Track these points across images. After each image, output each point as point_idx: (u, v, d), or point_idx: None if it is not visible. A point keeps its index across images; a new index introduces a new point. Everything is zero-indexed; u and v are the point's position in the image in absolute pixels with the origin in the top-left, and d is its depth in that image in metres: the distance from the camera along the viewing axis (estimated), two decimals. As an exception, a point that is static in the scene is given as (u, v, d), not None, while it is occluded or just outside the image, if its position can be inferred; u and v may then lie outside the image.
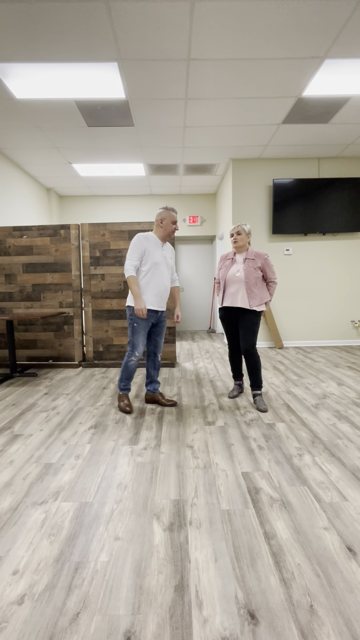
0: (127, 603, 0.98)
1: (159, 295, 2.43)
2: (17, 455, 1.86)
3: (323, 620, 0.91)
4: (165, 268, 2.45)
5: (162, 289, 2.44)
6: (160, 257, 2.42)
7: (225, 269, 2.62)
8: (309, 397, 2.77)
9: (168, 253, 2.52)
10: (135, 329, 2.41)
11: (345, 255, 5.14)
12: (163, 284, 2.44)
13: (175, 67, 2.92)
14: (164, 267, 2.44)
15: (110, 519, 1.33)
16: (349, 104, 3.56)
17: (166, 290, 2.47)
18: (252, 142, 4.47)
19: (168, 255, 2.50)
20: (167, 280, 2.47)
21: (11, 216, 4.96)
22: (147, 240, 2.38)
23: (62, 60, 2.80)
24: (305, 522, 1.30)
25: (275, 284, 2.62)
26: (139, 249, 2.34)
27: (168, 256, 2.50)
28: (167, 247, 2.53)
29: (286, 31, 2.54)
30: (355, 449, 1.88)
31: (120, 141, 4.37)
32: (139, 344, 2.42)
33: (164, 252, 2.47)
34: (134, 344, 2.43)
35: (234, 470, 1.67)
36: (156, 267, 2.39)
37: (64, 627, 0.91)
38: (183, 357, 4.44)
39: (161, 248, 2.45)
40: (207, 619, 0.92)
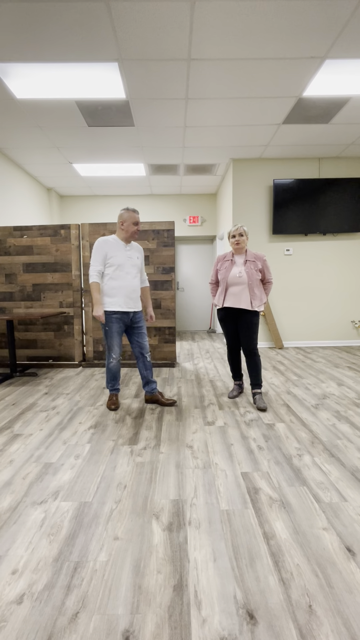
0: (126, 603, 0.98)
1: (127, 296, 2.44)
2: (16, 454, 1.86)
3: (322, 621, 0.91)
4: (131, 268, 2.46)
5: (130, 289, 2.45)
6: (124, 258, 2.44)
7: (225, 270, 2.63)
8: (309, 397, 2.77)
9: (134, 253, 2.51)
10: (108, 332, 2.46)
11: (345, 256, 5.14)
12: (130, 285, 2.45)
13: (176, 67, 2.92)
14: (130, 268, 2.46)
15: (109, 518, 1.33)
16: (350, 104, 3.56)
17: (134, 290, 2.48)
18: (253, 142, 4.47)
19: (134, 255, 2.50)
20: (134, 280, 2.48)
21: (12, 216, 4.96)
22: (107, 243, 2.41)
23: (63, 60, 2.80)
24: (304, 522, 1.30)
25: (272, 284, 2.68)
26: (100, 253, 2.39)
27: (134, 256, 2.50)
28: (134, 247, 2.53)
29: (286, 31, 2.54)
30: (354, 449, 1.88)
31: (120, 141, 4.37)
32: (114, 346, 2.47)
33: (129, 253, 2.47)
34: (108, 346, 2.49)
35: (233, 471, 1.67)
36: (120, 269, 2.42)
37: (63, 626, 0.91)
38: (183, 357, 4.45)
39: (124, 249, 2.45)
40: (206, 619, 0.92)
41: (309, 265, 5.15)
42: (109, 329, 2.45)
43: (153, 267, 3.92)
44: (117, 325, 2.45)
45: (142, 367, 2.59)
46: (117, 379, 2.62)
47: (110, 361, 2.53)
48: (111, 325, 2.44)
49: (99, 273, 2.39)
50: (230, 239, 2.61)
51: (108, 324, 2.45)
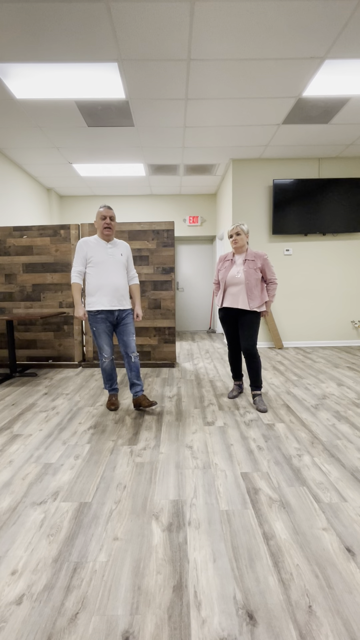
0: (126, 603, 0.98)
1: (110, 295, 2.41)
2: (16, 455, 1.86)
3: (321, 621, 0.91)
4: (113, 266, 2.43)
5: (112, 288, 2.41)
6: (104, 255, 2.42)
7: (225, 270, 2.62)
8: (309, 397, 2.77)
9: (118, 250, 2.48)
10: (95, 333, 2.45)
11: (345, 256, 5.14)
12: (112, 283, 2.41)
13: (176, 67, 2.92)
14: (111, 265, 2.43)
15: (109, 519, 1.33)
16: (349, 105, 3.56)
17: (117, 289, 2.43)
18: (253, 143, 4.47)
19: (117, 253, 2.46)
20: (117, 278, 2.43)
21: (11, 216, 4.96)
22: (86, 244, 2.42)
23: (63, 60, 2.80)
24: (304, 522, 1.30)
25: (276, 284, 2.60)
26: (80, 254, 2.41)
27: (117, 253, 2.46)
28: (117, 245, 2.50)
29: (286, 31, 2.54)
30: (354, 449, 1.88)
31: (120, 141, 4.37)
32: (103, 345, 2.46)
33: (111, 250, 2.44)
34: (98, 347, 2.48)
35: (233, 471, 1.67)
36: (100, 267, 2.40)
37: (62, 627, 0.91)
38: (183, 357, 4.44)
39: (105, 247, 2.43)
40: (206, 620, 0.92)
41: (309, 266, 5.15)
42: (95, 329, 2.44)
43: (153, 267, 3.92)
44: (104, 325, 2.44)
45: (127, 368, 2.51)
46: (113, 379, 2.61)
47: (102, 361, 2.52)
48: (97, 326, 2.43)
49: (79, 274, 2.41)
50: (229, 239, 2.60)
51: (94, 325, 2.44)
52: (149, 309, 3.96)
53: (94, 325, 2.44)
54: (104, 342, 2.46)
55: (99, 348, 2.48)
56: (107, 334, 2.47)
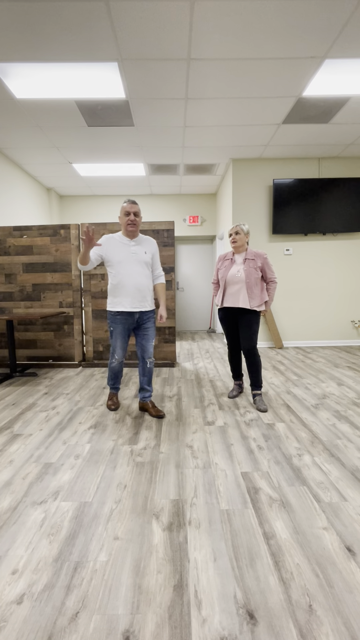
0: (126, 602, 0.98)
1: (131, 295, 2.28)
2: (16, 454, 1.86)
3: (322, 620, 0.91)
4: (136, 264, 2.29)
5: (134, 288, 2.28)
6: (126, 254, 2.28)
7: (224, 269, 2.62)
8: (309, 397, 2.77)
9: (142, 248, 2.33)
10: (112, 334, 2.36)
11: (345, 256, 5.14)
12: (134, 282, 2.28)
13: (176, 66, 2.92)
14: (133, 264, 2.28)
15: (109, 518, 1.33)
16: (349, 104, 3.56)
17: (139, 289, 2.30)
18: (253, 142, 4.46)
19: (140, 251, 2.32)
20: (139, 277, 2.30)
21: (11, 216, 4.96)
22: (108, 241, 2.30)
23: (62, 60, 2.80)
24: (304, 522, 1.30)
25: (276, 283, 2.60)
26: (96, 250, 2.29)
27: (140, 251, 2.32)
28: (142, 242, 2.36)
29: (286, 31, 2.54)
30: (354, 449, 1.88)
31: (120, 141, 4.37)
32: (117, 348, 2.37)
33: (134, 248, 2.31)
34: (112, 347, 2.41)
35: (233, 470, 1.67)
36: (122, 266, 2.27)
37: (63, 626, 0.91)
38: (183, 357, 4.44)
39: (129, 245, 2.31)
40: (206, 619, 0.92)
41: (309, 265, 5.15)
42: (113, 329, 2.35)
43: (153, 267, 3.92)
44: (122, 327, 2.34)
45: (141, 372, 2.46)
46: (118, 379, 2.56)
47: (112, 362, 2.47)
48: (115, 327, 2.34)
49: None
50: (229, 238, 2.60)
51: (112, 325, 2.35)
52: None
53: (111, 325, 2.36)
54: (118, 344, 2.37)
55: (112, 349, 2.40)
56: (124, 337, 2.36)
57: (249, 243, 5.08)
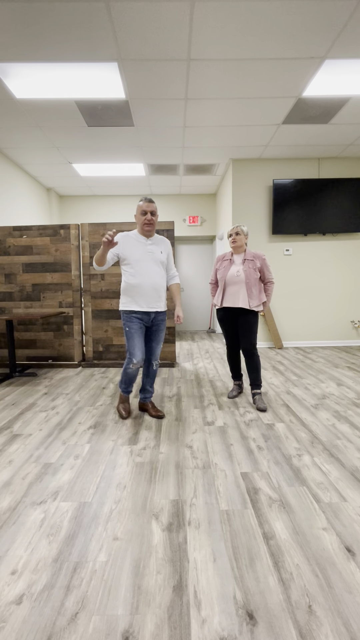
0: (126, 603, 0.97)
1: (147, 295, 2.22)
2: (16, 454, 1.86)
3: (321, 621, 0.91)
4: (152, 264, 2.24)
5: (149, 288, 2.23)
6: (143, 253, 2.23)
7: (224, 269, 2.62)
8: (309, 397, 2.77)
9: (157, 247, 2.29)
10: (128, 334, 2.24)
11: (345, 256, 5.14)
12: (150, 282, 2.23)
13: (176, 67, 2.92)
14: (150, 264, 2.24)
15: (109, 519, 1.33)
16: (349, 105, 3.56)
17: (155, 289, 2.25)
18: (252, 142, 4.47)
19: (157, 250, 2.27)
20: (155, 277, 2.25)
21: (11, 216, 4.95)
22: (124, 239, 2.25)
23: (62, 60, 2.80)
24: (304, 522, 1.30)
25: (273, 284, 2.64)
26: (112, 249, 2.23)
27: (156, 251, 2.27)
28: (158, 241, 2.31)
29: (286, 31, 2.54)
30: (354, 449, 1.88)
31: (120, 141, 4.37)
32: (135, 349, 2.21)
33: (150, 247, 2.26)
34: (129, 349, 2.25)
35: (233, 471, 1.67)
36: (138, 265, 2.21)
37: (62, 627, 0.91)
38: (183, 357, 4.44)
39: (145, 244, 2.25)
40: (206, 619, 0.92)
41: (309, 266, 5.15)
42: (128, 329, 2.23)
43: (153, 267, 3.91)
44: (137, 325, 2.24)
45: (145, 373, 2.44)
46: (132, 383, 2.41)
47: (129, 366, 2.26)
48: (131, 325, 2.23)
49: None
50: (228, 238, 2.61)
51: (128, 324, 2.24)
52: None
53: (127, 325, 2.24)
54: (136, 345, 2.21)
55: (130, 351, 2.22)
56: (141, 335, 2.25)
57: (247, 244, 5.09)
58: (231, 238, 2.57)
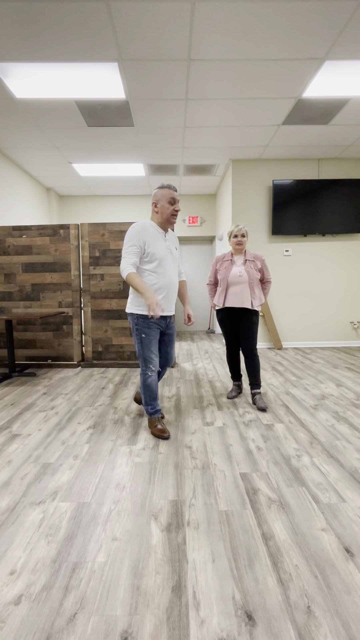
0: (125, 604, 0.97)
1: (167, 297, 2.02)
2: (15, 455, 1.86)
3: (320, 622, 0.91)
4: (172, 263, 2.03)
5: (171, 289, 2.03)
6: (164, 249, 1.98)
7: (225, 270, 2.63)
8: (308, 398, 2.77)
9: (172, 243, 2.08)
10: (145, 340, 1.99)
11: (344, 257, 5.14)
12: (171, 283, 2.02)
13: (176, 67, 2.92)
14: (170, 262, 2.01)
15: (108, 519, 1.33)
16: (349, 105, 3.56)
17: (174, 289, 2.07)
18: (252, 143, 4.47)
19: (172, 246, 2.07)
20: (174, 277, 2.06)
21: (11, 216, 4.95)
22: (145, 231, 1.93)
23: (63, 60, 2.80)
24: (303, 523, 1.30)
25: (271, 283, 2.70)
26: (136, 243, 1.90)
27: (173, 247, 2.06)
28: (170, 236, 2.09)
29: (286, 32, 2.54)
30: (353, 450, 1.88)
31: (120, 141, 4.37)
32: (152, 357, 2.01)
33: (168, 243, 2.03)
34: (145, 357, 2.01)
35: (232, 471, 1.67)
36: (162, 264, 1.97)
37: (61, 627, 0.91)
38: (182, 358, 4.44)
39: (164, 238, 2.00)
40: (205, 620, 0.92)
41: (308, 266, 5.15)
42: (145, 336, 1.99)
43: (152, 267, 3.91)
44: (155, 332, 2.02)
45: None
46: (156, 399, 2.12)
47: (147, 375, 2.05)
48: (149, 332, 1.99)
49: (134, 265, 1.90)
50: (232, 239, 2.60)
51: (145, 331, 1.98)
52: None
53: (144, 331, 1.99)
54: (153, 352, 2.02)
55: (147, 359, 2.02)
56: (157, 342, 2.05)
57: (248, 244, 5.09)
58: (237, 239, 2.57)
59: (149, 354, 2.02)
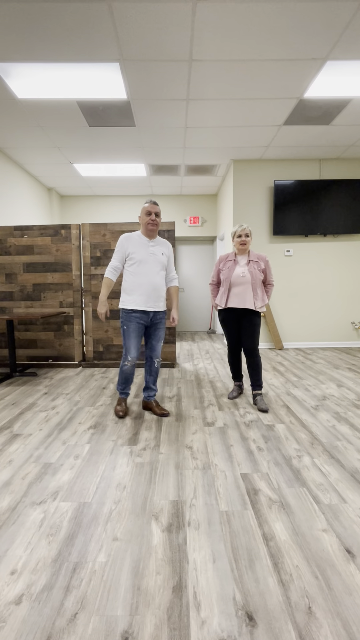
0: (125, 604, 0.97)
1: (147, 295, 2.29)
2: (16, 454, 1.86)
3: (321, 623, 0.91)
4: (154, 265, 2.33)
5: (150, 287, 2.30)
6: (146, 254, 2.31)
7: (228, 270, 2.62)
8: (309, 398, 2.77)
9: (159, 249, 2.37)
10: (126, 332, 2.32)
11: (345, 257, 5.14)
12: (151, 283, 2.30)
13: (177, 67, 2.93)
14: (152, 265, 2.32)
15: (108, 519, 1.33)
16: (350, 106, 3.56)
17: (155, 289, 2.32)
18: (254, 143, 4.47)
19: (159, 252, 2.36)
20: (156, 278, 2.33)
21: (12, 216, 4.96)
22: (128, 240, 2.32)
23: (64, 60, 2.80)
24: (304, 523, 1.30)
25: (273, 286, 2.69)
26: (120, 250, 2.32)
27: (158, 252, 2.36)
28: (160, 243, 2.39)
29: (288, 32, 2.54)
30: (354, 450, 1.88)
31: (121, 141, 4.37)
32: (130, 347, 2.32)
33: (153, 249, 2.34)
34: (125, 347, 2.34)
35: (233, 472, 1.67)
36: (141, 265, 2.30)
37: (61, 627, 0.91)
38: (183, 358, 4.44)
39: (147, 245, 2.33)
40: (205, 620, 0.92)
41: (309, 267, 5.15)
42: (126, 328, 2.31)
43: (153, 267, 3.91)
44: (136, 325, 2.31)
45: (148, 371, 2.49)
46: (129, 383, 2.47)
47: (124, 363, 2.36)
48: (129, 325, 2.30)
49: (114, 269, 2.31)
50: (236, 239, 2.60)
51: (126, 323, 2.31)
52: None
53: (125, 324, 2.32)
54: (132, 343, 2.31)
55: (126, 349, 2.33)
56: (137, 335, 2.33)
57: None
58: (241, 239, 2.57)
59: (128, 345, 2.33)
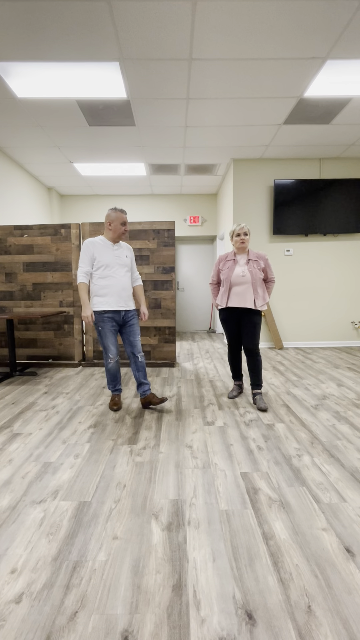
0: (125, 602, 0.98)
1: (117, 295, 2.45)
2: (16, 453, 1.86)
3: (321, 621, 0.91)
4: (120, 267, 2.48)
5: (119, 288, 2.46)
6: (111, 257, 2.45)
7: (228, 269, 2.62)
8: (309, 397, 2.77)
9: (123, 252, 2.53)
10: (101, 332, 2.46)
11: (345, 256, 5.14)
12: (119, 284, 2.46)
13: (177, 66, 2.92)
14: (118, 267, 2.48)
15: (108, 518, 1.33)
16: (351, 105, 3.56)
17: (124, 289, 2.49)
18: (254, 143, 4.46)
19: (123, 254, 2.52)
20: (123, 279, 2.49)
21: (12, 215, 4.96)
22: (93, 245, 2.43)
23: (64, 59, 2.80)
24: (303, 522, 1.30)
25: (274, 282, 2.68)
26: (87, 254, 2.42)
27: (123, 255, 2.51)
28: (122, 247, 2.54)
29: (288, 31, 2.54)
30: (354, 450, 1.88)
31: (121, 141, 4.37)
32: (109, 345, 2.47)
33: (117, 252, 2.49)
34: (104, 347, 2.48)
35: (232, 471, 1.67)
36: (108, 268, 2.44)
37: (61, 625, 0.91)
38: (183, 357, 4.44)
39: (112, 249, 2.47)
40: (205, 619, 0.92)
41: (309, 266, 5.15)
42: (102, 329, 2.45)
43: (153, 266, 3.92)
44: (110, 324, 2.46)
45: (134, 368, 2.54)
46: (117, 379, 2.61)
47: (108, 362, 2.52)
48: (103, 325, 2.45)
49: (86, 274, 2.42)
50: (235, 238, 2.60)
51: (100, 324, 2.45)
52: (149, 308, 3.97)
53: (100, 325, 2.45)
54: (110, 341, 2.47)
55: (105, 348, 2.48)
56: (113, 334, 2.49)
57: (249, 243, 5.07)
58: (239, 238, 2.57)
59: (106, 343, 2.47)
